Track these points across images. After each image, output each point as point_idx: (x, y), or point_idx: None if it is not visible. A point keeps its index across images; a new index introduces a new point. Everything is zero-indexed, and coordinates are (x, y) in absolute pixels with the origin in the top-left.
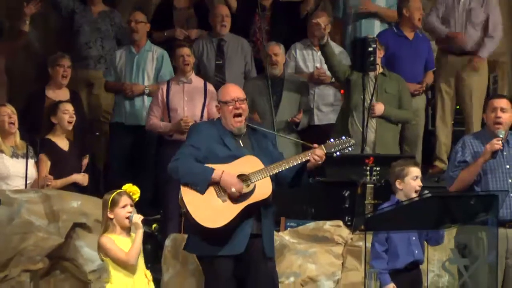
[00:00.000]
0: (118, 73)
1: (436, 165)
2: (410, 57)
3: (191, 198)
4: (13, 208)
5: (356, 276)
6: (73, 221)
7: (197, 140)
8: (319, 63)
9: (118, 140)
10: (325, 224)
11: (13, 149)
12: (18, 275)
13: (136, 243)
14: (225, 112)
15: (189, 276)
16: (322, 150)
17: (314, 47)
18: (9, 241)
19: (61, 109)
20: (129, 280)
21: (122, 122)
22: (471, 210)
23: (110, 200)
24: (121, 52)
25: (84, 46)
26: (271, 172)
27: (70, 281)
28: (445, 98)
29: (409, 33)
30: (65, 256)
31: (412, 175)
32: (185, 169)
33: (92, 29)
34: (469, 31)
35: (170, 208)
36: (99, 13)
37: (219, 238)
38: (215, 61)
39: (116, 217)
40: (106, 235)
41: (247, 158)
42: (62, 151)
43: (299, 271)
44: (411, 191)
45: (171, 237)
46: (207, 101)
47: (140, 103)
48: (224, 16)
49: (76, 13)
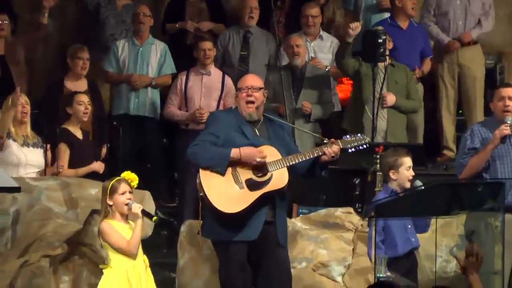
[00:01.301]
0: (120, 65)
1: (445, 154)
2: (405, 47)
3: (209, 182)
4: (33, 195)
5: (366, 261)
6: (91, 208)
7: (216, 128)
8: (313, 53)
9: (125, 131)
10: (336, 211)
11: (24, 138)
12: (38, 260)
13: (136, 233)
14: (239, 98)
15: (204, 261)
16: (339, 145)
17: (308, 37)
18: (29, 227)
19: (76, 101)
20: (129, 265)
21: (125, 113)
22: (479, 197)
23: (109, 187)
24: (123, 44)
25: (110, 37)
26: (288, 163)
27: (88, 266)
28: (448, 88)
29: (403, 22)
30: (83, 242)
31: (406, 165)
32: (204, 153)
33: (118, 21)
34: (469, 21)
35: (187, 195)
36: (123, 6)
37: (234, 224)
38: (240, 52)
39: (115, 204)
40: (106, 221)
41: (265, 148)
42: (79, 140)
43: (311, 257)
44: (405, 181)
45: (187, 223)
46: (223, 93)
47: (144, 94)
48: (252, 8)
49: (101, 6)
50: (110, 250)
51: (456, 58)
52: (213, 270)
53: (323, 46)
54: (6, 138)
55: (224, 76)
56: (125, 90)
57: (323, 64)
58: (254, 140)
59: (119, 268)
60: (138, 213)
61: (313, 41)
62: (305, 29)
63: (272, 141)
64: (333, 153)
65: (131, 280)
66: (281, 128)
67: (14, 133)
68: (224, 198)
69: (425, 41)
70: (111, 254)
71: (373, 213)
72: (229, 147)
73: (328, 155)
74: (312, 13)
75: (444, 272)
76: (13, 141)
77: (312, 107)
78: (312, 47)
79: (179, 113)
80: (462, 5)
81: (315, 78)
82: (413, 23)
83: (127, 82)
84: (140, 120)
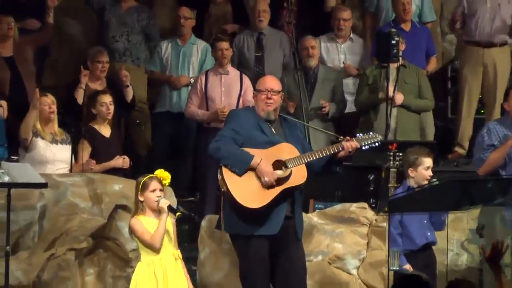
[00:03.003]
0: (163, 64)
1: (456, 151)
2: (408, 48)
3: (232, 179)
4: (59, 191)
5: (380, 254)
6: (115, 203)
7: (237, 124)
8: (343, 54)
9: (161, 128)
10: (351, 206)
11: (52, 135)
12: (64, 253)
13: (159, 228)
14: (258, 99)
15: (224, 255)
16: (356, 143)
17: (338, 39)
18: (56, 222)
19: (98, 102)
20: (155, 259)
21: (167, 111)
22: (489, 193)
23: (141, 183)
24: (167, 44)
25: (111, 39)
26: (306, 159)
27: (112, 259)
28: (471, 88)
29: (405, 25)
30: (107, 236)
31: (425, 165)
32: (226, 151)
33: (119, 23)
34: (497, 25)
35: (208, 191)
36: (128, 8)
37: (256, 219)
38: (255, 54)
39: (145, 200)
40: (136, 217)
41: (284, 145)
42: (104, 137)
43: (326, 250)
44: (422, 180)
45: (207, 218)
46: (242, 91)
47: (185, 93)
48: (261, 11)
49: (106, 9)
50: (139, 245)
51: (482, 59)
52: (232, 263)
53: (353, 49)
54: (33, 137)
55: (242, 74)
56: (167, 89)
57: (355, 69)
58: (272, 137)
59: (147, 262)
60: (164, 208)
61: (343, 43)
62: (337, 32)
63: (288, 139)
64: (350, 148)
65: (156, 273)
66: (295, 127)
67: (41, 132)
68: (247, 194)
69: (428, 40)
70: (140, 249)
71: (387, 208)
72: (250, 144)
73: (346, 151)
74: (344, 16)
75: (455, 265)
76: (41, 139)
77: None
78: (343, 49)
79: (200, 112)
80: (492, 8)
81: (327, 78)
82: (416, 24)
83: (167, 82)
84: (178, 117)
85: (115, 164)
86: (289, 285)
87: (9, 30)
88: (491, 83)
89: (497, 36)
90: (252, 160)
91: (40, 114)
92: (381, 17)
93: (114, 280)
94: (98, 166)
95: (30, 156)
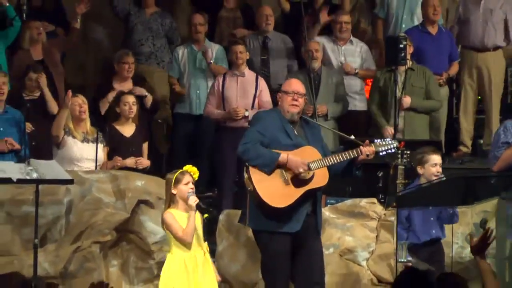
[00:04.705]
0: (181, 69)
1: (460, 149)
2: (433, 51)
3: (258, 178)
4: (85, 187)
5: (388, 247)
6: (138, 198)
7: (263, 126)
8: (343, 56)
9: (181, 128)
10: (361, 201)
11: (84, 134)
12: (89, 246)
13: (190, 223)
14: (284, 100)
15: (240, 247)
16: (373, 148)
17: (340, 42)
18: (81, 216)
19: (122, 101)
20: (186, 253)
21: (187, 112)
22: (492, 188)
23: (174, 178)
24: (183, 50)
25: (137, 43)
26: (329, 162)
27: (135, 251)
28: (468, 90)
29: (432, 29)
30: (130, 229)
31: (432, 162)
32: (254, 153)
33: (145, 28)
34: (489, 30)
35: (225, 187)
36: (151, 14)
37: (279, 217)
38: (260, 57)
39: (179, 193)
40: (169, 211)
41: (307, 148)
42: (123, 137)
43: (338, 243)
44: (430, 176)
45: (225, 212)
46: (257, 92)
47: (204, 94)
48: (268, 16)
49: (131, 15)
50: (171, 238)
51: (476, 62)
52: (249, 256)
53: (353, 51)
54: (65, 135)
55: (258, 76)
56: (187, 91)
57: (353, 68)
58: (295, 140)
59: (178, 255)
60: (193, 206)
61: (343, 45)
62: (338, 34)
63: (310, 141)
64: (369, 152)
65: (188, 267)
66: (317, 129)
67: (73, 131)
68: (272, 193)
69: (452, 45)
70: (172, 242)
71: (395, 203)
72: (275, 145)
73: (364, 155)
74: (344, 19)
75: (460, 257)
76: (72, 138)
77: (328, 106)
78: (343, 51)
79: (216, 112)
80: (484, 14)
81: (330, 79)
82: (442, 28)
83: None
84: (199, 118)
85: (127, 163)
86: (308, 278)
87: (39, 35)
88: (486, 86)
89: (490, 41)
90: (280, 156)
91: (72, 114)
92: (391, 24)
93: (137, 271)
94: (111, 162)
95: (61, 153)
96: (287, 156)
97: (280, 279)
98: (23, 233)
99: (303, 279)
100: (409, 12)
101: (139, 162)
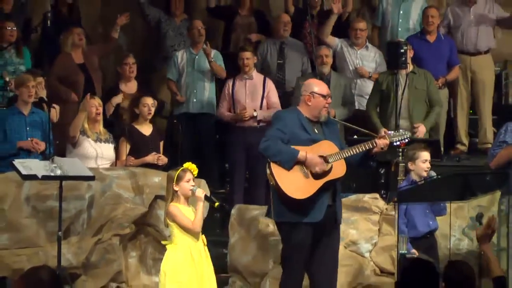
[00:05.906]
0: (180, 72)
1: (458, 148)
2: (431, 57)
3: (279, 173)
4: (105, 183)
5: (390, 240)
6: (155, 194)
7: (283, 125)
8: (359, 60)
9: (184, 128)
10: (364, 197)
11: (97, 134)
12: (109, 238)
13: (199, 214)
14: (318, 102)
15: (252, 240)
16: (387, 139)
17: (355, 46)
18: (102, 210)
19: (141, 103)
20: (192, 243)
21: (186, 112)
22: (487, 185)
23: (176, 175)
24: (182, 54)
25: (170, 48)
26: (345, 154)
27: (152, 243)
28: (463, 91)
29: (429, 37)
30: (148, 223)
31: (422, 158)
32: (275, 150)
33: (176, 34)
34: (481, 34)
35: (236, 183)
36: (181, 20)
37: (302, 208)
38: (277, 61)
39: (180, 190)
40: (173, 204)
41: (324, 142)
42: (143, 136)
43: (342, 236)
44: (421, 172)
45: (237, 207)
46: (265, 94)
47: (201, 95)
48: (286, 23)
49: (162, 22)
50: (176, 229)
51: (469, 65)
52: (259, 247)
53: (368, 56)
54: (80, 136)
55: (266, 78)
56: (184, 92)
57: (367, 71)
58: (314, 135)
59: (184, 246)
60: (201, 197)
61: (359, 50)
62: (354, 40)
63: (327, 136)
64: (383, 145)
65: (194, 256)
66: (334, 125)
67: (88, 131)
68: (294, 186)
69: (452, 51)
70: (178, 233)
71: (396, 198)
72: (294, 142)
73: (378, 147)
74: (360, 26)
75: (457, 249)
76: (87, 138)
77: (336, 109)
78: (359, 55)
79: (226, 114)
80: (475, 20)
81: (339, 84)
82: (440, 36)
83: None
84: (198, 117)
85: (148, 160)
86: (323, 267)
87: (80, 40)
88: (478, 88)
89: (481, 45)
90: (299, 154)
91: (88, 115)
92: (387, 32)
93: (154, 262)
94: (135, 161)
95: (76, 152)
96: (306, 154)
97: (297, 269)
98: (47, 226)
99: (317, 272)
100: (405, 17)
101: (160, 158)
